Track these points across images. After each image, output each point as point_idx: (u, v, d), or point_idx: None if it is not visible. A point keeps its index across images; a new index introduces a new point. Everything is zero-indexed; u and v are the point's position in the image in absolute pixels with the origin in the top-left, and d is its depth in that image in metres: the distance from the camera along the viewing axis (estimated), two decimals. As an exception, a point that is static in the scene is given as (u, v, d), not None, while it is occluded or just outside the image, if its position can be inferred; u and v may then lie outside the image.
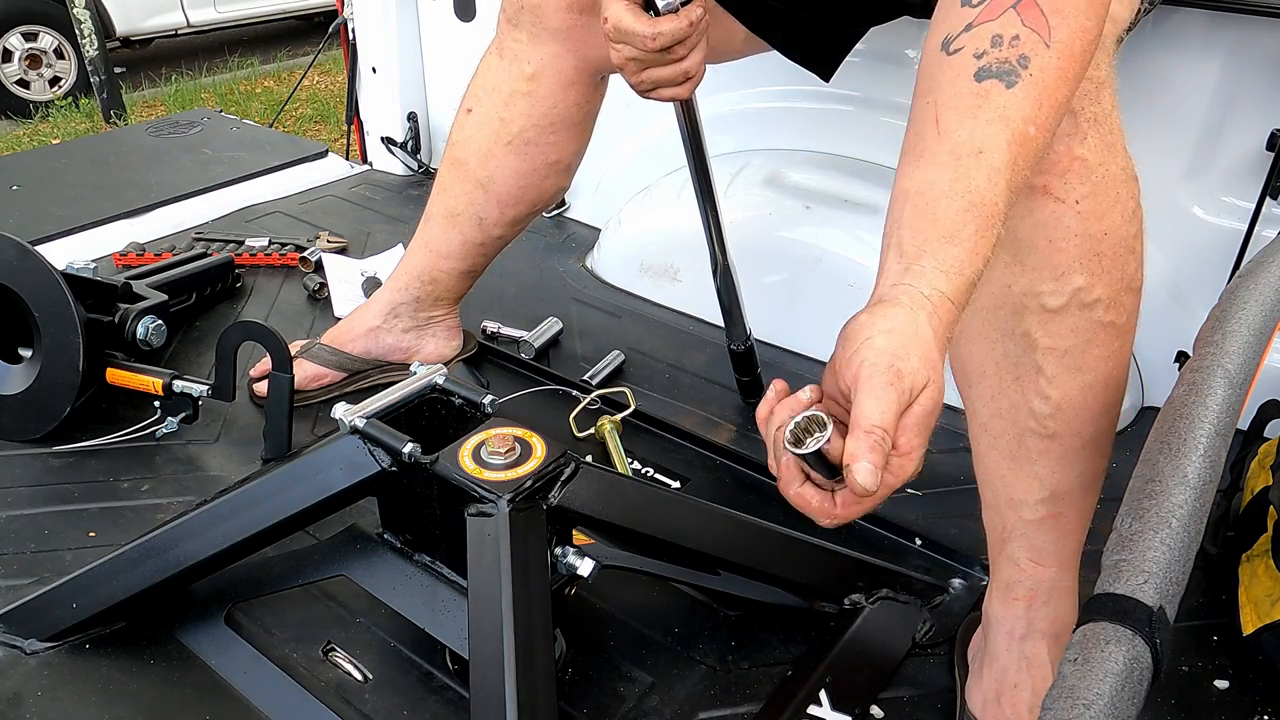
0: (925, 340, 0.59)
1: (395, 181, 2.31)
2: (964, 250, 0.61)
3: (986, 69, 0.62)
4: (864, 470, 0.57)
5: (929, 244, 0.61)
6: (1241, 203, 1.36)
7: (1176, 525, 0.54)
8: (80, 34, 4.94)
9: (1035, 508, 0.89)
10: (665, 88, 1.01)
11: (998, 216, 0.62)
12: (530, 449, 0.91)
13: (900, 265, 0.62)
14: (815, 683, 1.00)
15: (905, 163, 0.65)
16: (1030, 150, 0.63)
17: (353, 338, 1.47)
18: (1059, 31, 0.62)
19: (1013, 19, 0.62)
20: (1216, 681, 1.02)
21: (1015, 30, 0.61)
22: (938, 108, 0.64)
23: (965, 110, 0.62)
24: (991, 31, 0.62)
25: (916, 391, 0.59)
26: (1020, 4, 0.62)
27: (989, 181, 0.61)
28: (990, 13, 0.62)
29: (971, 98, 0.62)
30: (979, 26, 0.62)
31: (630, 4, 0.95)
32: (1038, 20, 0.61)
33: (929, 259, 0.61)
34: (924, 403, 0.59)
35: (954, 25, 0.64)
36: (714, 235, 1.34)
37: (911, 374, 0.58)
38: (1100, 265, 0.78)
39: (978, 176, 0.61)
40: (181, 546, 1.00)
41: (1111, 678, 0.48)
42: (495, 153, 1.32)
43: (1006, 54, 0.62)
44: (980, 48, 0.62)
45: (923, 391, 0.59)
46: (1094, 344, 0.81)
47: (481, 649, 0.84)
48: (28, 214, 2.02)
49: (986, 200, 0.62)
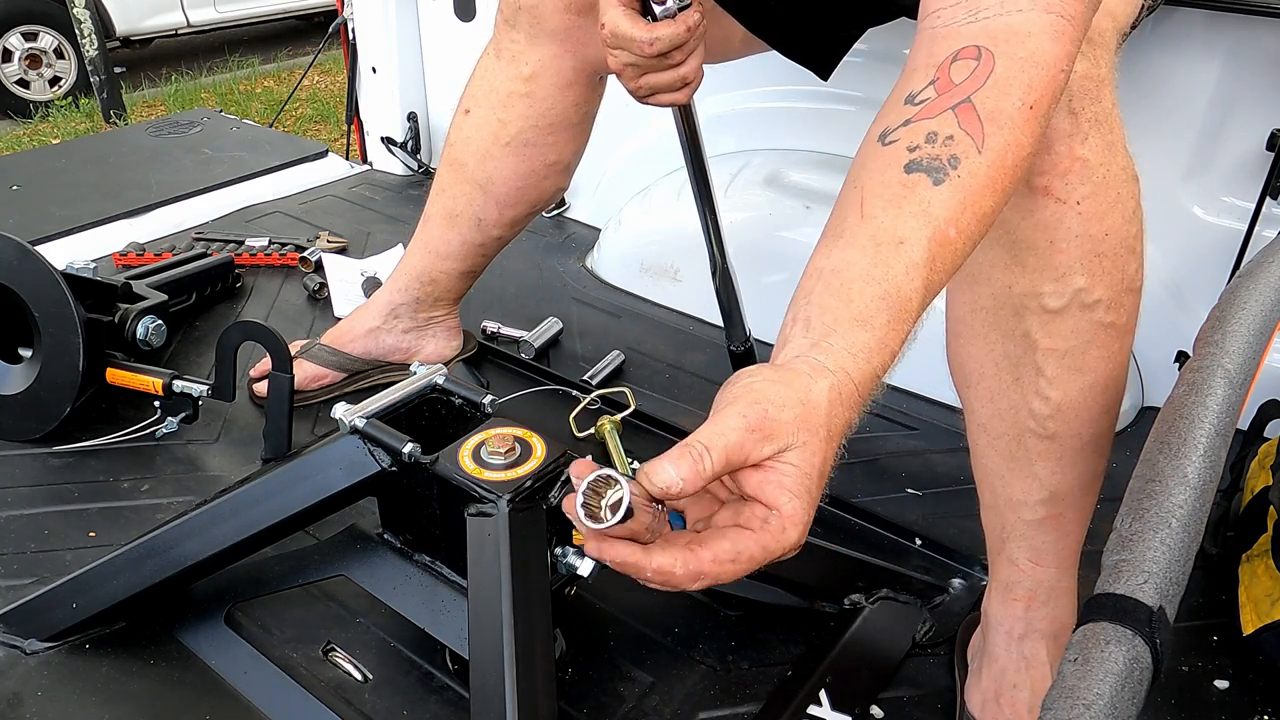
0: (813, 405, 0.55)
1: (395, 181, 2.31)
2: (874, 338, 0.58)
3: (916, 163, 0.60)
4: (660, 470, 0.53)
5: (840, 325, 0.58)
6: (1241, 203, 1.36)
7: (1176, 525, 0.54)
8: (80, 34, 4.95)
9: (1035, 508, 0.89)
10: (663, 93, 1.01)
11: (911, 313, 0.59)
12: (530, 449, 0.91)
13: (806, 340, 0.58)
14: (815, 683, 1.00)
15: (824, 243, 0.63)
16: (949, 254, 0.60)
17: (353, 338, 1.47)
18: (993, 139, 0.60)
19: (949, 119, 0.60)
20: (1216, 681, 1.02)
21: (950, 130, 0.60)
22: (863, 193, 0.62)
23: (890, 199, 0.60)
24: (927, 129, 0.61)
25: (781, 448, 0.54)
26: (959, 106, 0.61)
27: (906, 275, 0.59)
28: (929, 111, 0.61)
29: (898, 187, 0.60)
30: (917, 122, 0.61)
31: (627, 9, 0.95)
32: (973, 125, 0.60)
33: (838, 339, 0.58)
34: (794, 461, 0.54)
35: (893, 120, 0.63)
36: (713, 238, 1.34)
37: (779, 425, 0.53)
38: (1101, 266, 0.78)
39: (896, 267, 0.59)
40: (181, 546, 1.00)
41: (1111, 678, 0.48)
42: (494, 154, 1.32)
43: (938, 151, 0.60)
44: (914, 142, 0.61)
45: (791, 451, 0.54)
46: (1094, 345, 0.81)
47: (481, 649, 0.84)
48: (28, 214, 2.02)
49: (902, 293, 0.58)
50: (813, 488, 0.55)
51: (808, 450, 0.54)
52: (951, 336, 0.89)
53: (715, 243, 1.35)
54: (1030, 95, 0.61)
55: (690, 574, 0.54)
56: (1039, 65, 0.62)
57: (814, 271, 0.61)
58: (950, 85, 0.62)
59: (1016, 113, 0.61)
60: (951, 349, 0.90)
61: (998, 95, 0.61)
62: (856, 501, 1.26)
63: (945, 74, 0.63)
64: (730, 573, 0.55)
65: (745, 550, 0.54)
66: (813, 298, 0.60)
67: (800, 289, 0.62)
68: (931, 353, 0.90)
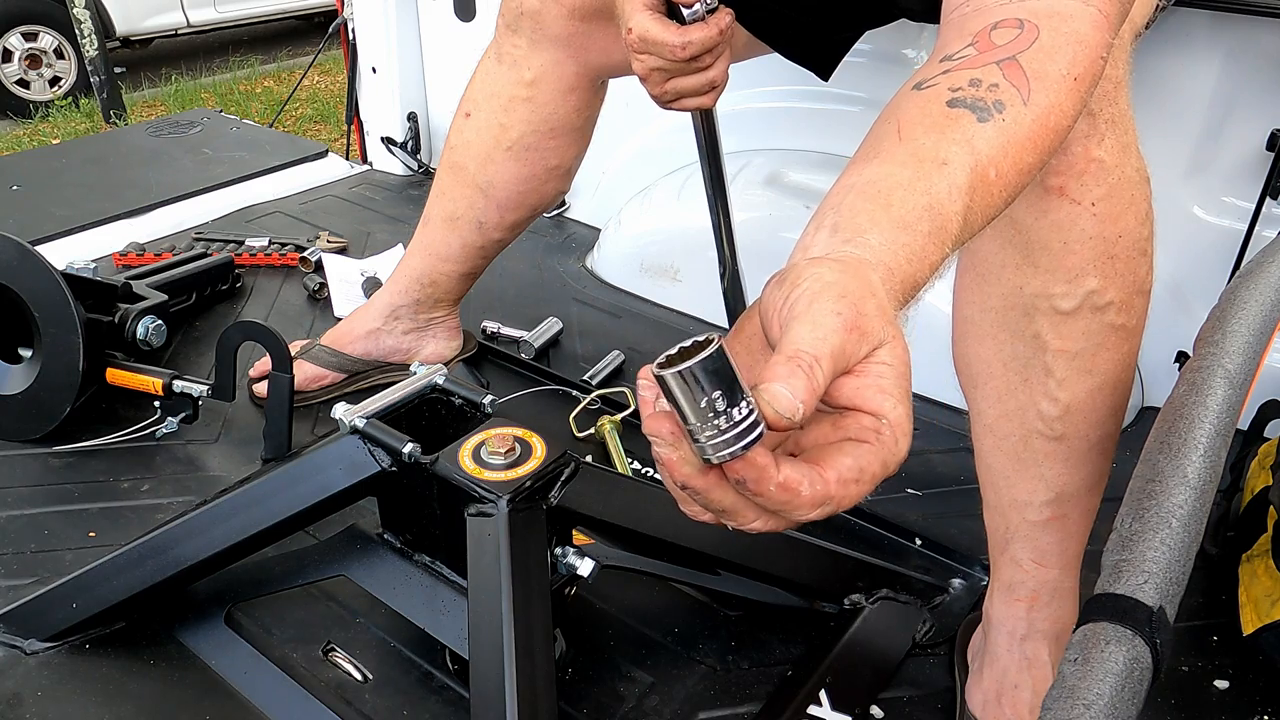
0: (880, 295, 0.46)
1: (395, 181, 2.31)
2: (916, 243, 0.50)
3: (959, 100, 0.56)
4: (779, 395, 0.42)
5: (878, 225, 0.50)
6: (1241, 203, 1.36)
7: (1176, 525, 0.53)
8: (80, 34, 4.94)
9: (1040, 509, 0.89)
10: (689, 97, 1.00)
11: (950, 236, 0.52)
12: (530, 449, 0.91)
13: (836, 239, 0.50)
14: (815, 683, 1.00)
15: (853, 165, 0.56)
16: (986, 196, 0.55)
17: (352, 339, 1.47)
18: (1039, 96, 0.57)
19: (994, 71, 0.58)
20: (1216, 681, 1.02)
21: (996, 80, 0.57)
22: (900, 122, 0.57)
23: (931, 125, 0.55)
24: (970, 76, 0.58)
25: (875, 346, 0.45)
26: (1004, 62, 0.58)
27: (949, 194, 0.52)
28: (972, 63, 0.58)
29: (940, 117, 0.56)
30: (957, 71, 0.58)
31: (655, 14, 0.94)
32: (1019, 79, 0.57)
33: (876, 236, 0.50)
34: (887, 360, 0.45)
35: (930, 73, 0.60)
36: (724, 240, 1.34)
37: (869, 320, 0.45)
38: (1114, 268, 0.78)
39: (939, 185, 0.53)
40: (181, 546, 1.00)
41: (1111, 678, 0.48)
42: (495, 158, 1.32)
43: (983, 94, 0.56)
44: (956, 84, 0.57)
45: (883, 349, 0.45)
46: (1104, 347, 0.81)
47: (481, 649, 0.84)
48: (28, 214, 2.02)
49: (945, 211, 0.52)
50: (908, 389, 0.46)
51: (897, 346, 0.46)
52: (959, 336, 0.89)
53: (727, 245, 1.34)
54: (1075, 67, 0.59)
55: (816, 497, 0.45)
56: (1082, 43, 0.60)
57: (842, 188, 0.54)
58: (992, 46, 0.59)
59: (1061, 79, 0.58)
60: (959, 349, 0.89)
61: (1043, 59, 0.58)
62: (856, 501, 1.26)
63: (985, 38, 0.60)
64: (853, 496, 0.45)
65: (868, 467, 0.45)
66: (843, 207, 0.52)
67: (824, 204, 0.54)
68: (931, 353, 0.89)
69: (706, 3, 0.93)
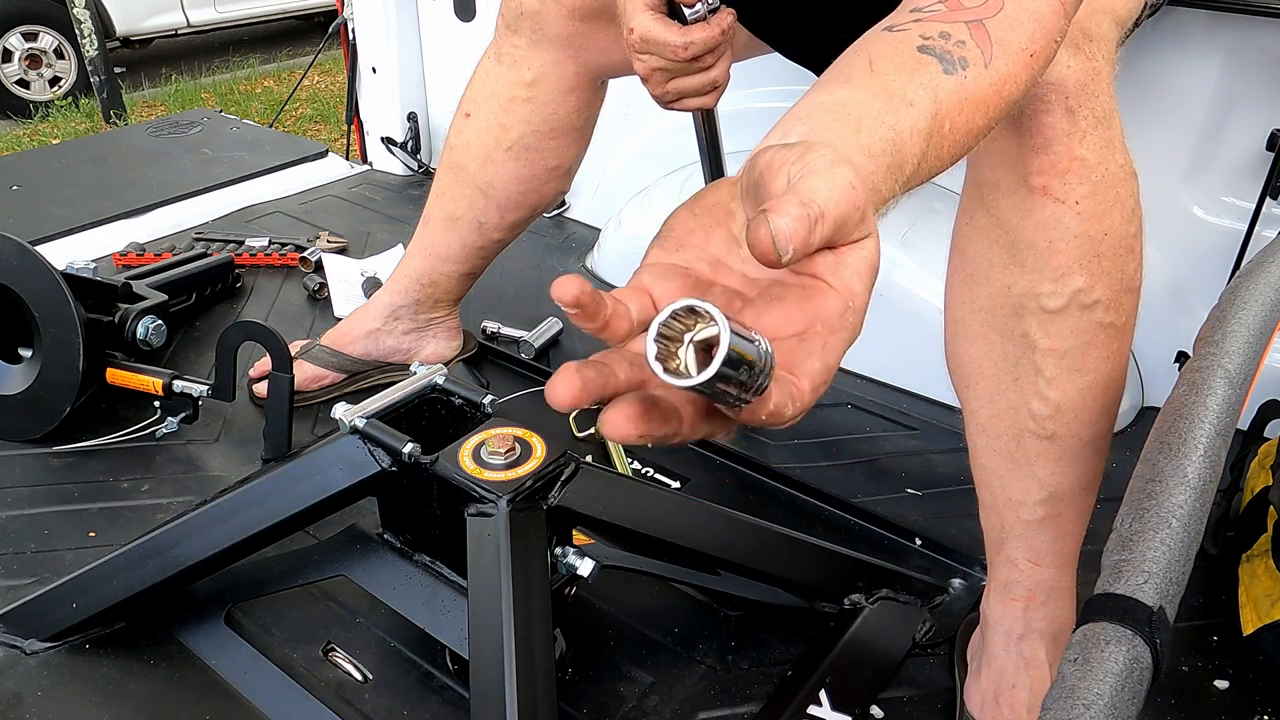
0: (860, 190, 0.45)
1: (395, 181, 2.31)
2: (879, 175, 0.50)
3: (929, 48, 0.57)
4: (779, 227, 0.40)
5: (847, 146, 0.49)
6: (1241, 203, 1.36)
7: (1176, 525, 0.53)
8: (80, 34, 4.94)
9: (1034, 508, 0.89)
10: (691, 98, 1.00)
11: (904, 176, 0.52)
12: (530, 449, 0.91)
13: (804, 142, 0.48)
14: (815, 683, 1.00)
15: (821, 86, 0.55)
16: (937, 146, 0.55)
17: (352, 340, 1.47)
18: (999, 63, 0.59)
19: (963, 29, 0.59)
20: (1216, 681, 1.02)
21: (963, 37, 0.58)
22: (871, 56, 0.57)
23: (901, 66, 0.55)
24: (940, 28, 0.59)
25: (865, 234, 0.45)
26: (971, 23, 0.59)
27: (910, 135, 0.52)
28: (942, 18, 0.59)
29: (911, 60, 0.56)
30: (928, 21, 0.59)
31: (657, 14, 0.94)
32: (984, 42, 0.59)
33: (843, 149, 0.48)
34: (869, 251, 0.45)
35: (901, 18, 0.60)
36: None
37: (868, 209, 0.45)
38: (1100, 266, 0.78)
39: (904, 123, 0.52)
40: (181, 546, 1.00)
41: (1111, 678, 0.48)
42: (495, 158, 1.32)
43: (951, 48, 0.57)
44: (927, 33, 0.58)
45: (870, 239, 0.45)
46: (1093, 345, 0.81)
47: (481, 649, 0.84)
48: (28, 214, 2.02)
49: (905, 150, 0.52)
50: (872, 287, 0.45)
51: (875, 245, 0.45)
52: (951, 337, 0.89)
53: None
54: (1033, 44, 0.60)
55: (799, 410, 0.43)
56: (1041, 23, 0.61)
57: (810, 103, 0.53)
58: (960, 6, 0.60)
59: (1020, 51, 0.60)
60: (951, 349, 0.90)
61: (1007, 28, 0.59)
62: (856, 501, 1.26)
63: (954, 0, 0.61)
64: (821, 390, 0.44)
65: (832, 363, 0.43)
66: (812, 120, 0.51)
67: (790, 115, 0.53)
68: (931, 353, 0.90)
69: (708, 2, 0.93)
